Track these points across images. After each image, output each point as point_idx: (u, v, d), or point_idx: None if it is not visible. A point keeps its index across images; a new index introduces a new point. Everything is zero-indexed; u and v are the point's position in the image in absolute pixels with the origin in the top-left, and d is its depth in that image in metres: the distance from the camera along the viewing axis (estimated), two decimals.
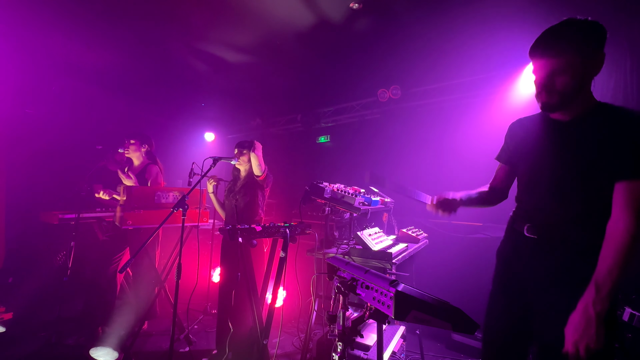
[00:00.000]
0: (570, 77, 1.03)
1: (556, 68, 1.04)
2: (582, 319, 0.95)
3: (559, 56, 1.03)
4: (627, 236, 0.95)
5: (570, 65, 1.02)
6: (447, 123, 3.54)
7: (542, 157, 1.18)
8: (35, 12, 2.69)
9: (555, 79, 1.05)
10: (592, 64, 1.04)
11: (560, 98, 1.07)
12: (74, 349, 2.49)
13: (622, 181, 1.00)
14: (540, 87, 1.11)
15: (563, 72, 1.04)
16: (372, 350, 1.84)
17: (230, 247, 2.37)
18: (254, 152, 2.28)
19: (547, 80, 1.07)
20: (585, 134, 1.08)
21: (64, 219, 3.08)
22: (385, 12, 2.60)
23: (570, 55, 1.02)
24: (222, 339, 2.28)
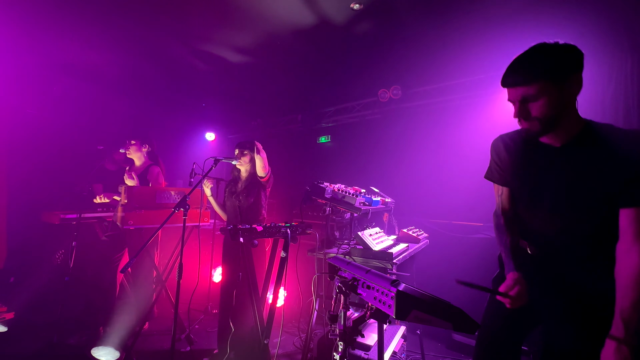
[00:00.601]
0: (545, 103, 1.00)
1: (528, 95, 1.02)
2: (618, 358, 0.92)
3: (529, 83, 1.01)
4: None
5: (543, 91, 0.99)
6: (448, 123, 3.55)
7: (539, 182, 1.15)
8: (36, 12, 2.69)
9: (530, 106, 1.03)
10: (568, 87, 1.00)
11: (541, 124, 1.04)
12: (75, 348, 2.50)
13: (630, 208, 0.97)
14: (516, 115, 1.08)
15: (536, 99, 1.01)
16: (372, 350, 1.84)
17: (232, 247, 2.38)
18: (259, 154, 2.28)
19: (521, 108, 1.05)
20: (580, 160, 1.05)
21: (65, 218, 3.09)
22: (386, 13, 2.60)
23: (541, 81, 0.99)
24: (223, 338, 2.29)
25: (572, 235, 1.10)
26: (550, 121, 1.03)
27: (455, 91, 3.54)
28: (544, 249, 1.16)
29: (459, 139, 3.34)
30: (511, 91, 1.07)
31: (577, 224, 1.09)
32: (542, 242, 1.17)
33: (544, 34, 2.60)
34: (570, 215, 1.09)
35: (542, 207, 1.14)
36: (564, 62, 0.99)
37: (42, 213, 3.31)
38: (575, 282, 1.09)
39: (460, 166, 3.24)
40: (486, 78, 3.29)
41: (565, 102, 1.02)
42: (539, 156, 1.14)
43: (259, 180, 2.41)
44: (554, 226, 1.13)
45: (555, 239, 1.14)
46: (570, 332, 1.03)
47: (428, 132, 3.69)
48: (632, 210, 0.97)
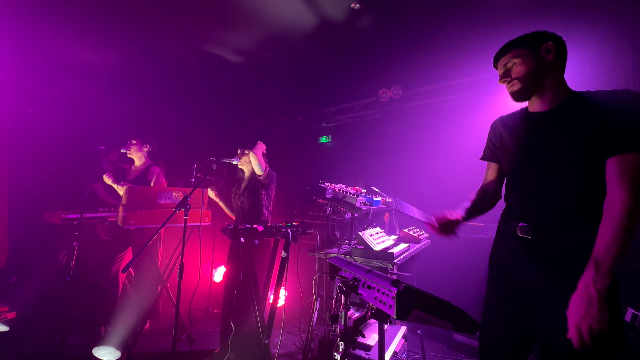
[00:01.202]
0: (521, 64, 1.18)
1: (507, 62, 1.23)
2: (583, 299, 0.92)
3: (507, 52, 1.23)
4: (622, 210, 0.93)
5: (518, 55, 1.19)
6: (448, 123, 3.54)
7: (528, 149, 1.20)
8: (36, 12, 2.70)
9: (511, 70, 1.21)
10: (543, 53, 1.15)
11: (522, 83, 1.18)
12: (76, 348, 2.50)
13: (613, 157, 0.99)
14: (502, 80, 1.26)
15: (514, 64, 1.20)
16: (373, 350, 1.84)
17: (237, 247, 2.38)
18: (253, 152, 2.28)
19: (505, 73, 1.24)
20: (566, 120, 1.11)
21: (66, 218, 3.10)
22: (386, 12, 2.60)
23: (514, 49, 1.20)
24: (225, 338, 2.29)
25: (563, 207, 1.09)
26: (528, 79, 1.17)
27: (456, 91, 3.53)
28: (534, 230, 1.13)
29: (460, 139, 3.33)
30: (499, 66, 1.29)
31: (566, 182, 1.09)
32: (531, 220, 1.15)
33: None
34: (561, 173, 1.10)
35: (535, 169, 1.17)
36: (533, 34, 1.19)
37: (44, 213, 3.32)
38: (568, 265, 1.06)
39: (461, 166, 3.23)
40: (487, 78, 3.28)
41: (542, 65, 1.15)
42: (530, 123, 1.24)
43: (259, 179, 2.41)
44: (543, 196, 1.14)
45: (545, 212, 1.13)
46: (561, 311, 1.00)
47: (429, 132, 3.69)
48: (614, 158, 0.99)
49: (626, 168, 0.96)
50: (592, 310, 0.90)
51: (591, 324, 0.90)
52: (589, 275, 0.93)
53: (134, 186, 2.57)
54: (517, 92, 1.21)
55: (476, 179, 1.62)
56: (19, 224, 3.61)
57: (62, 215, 2.98)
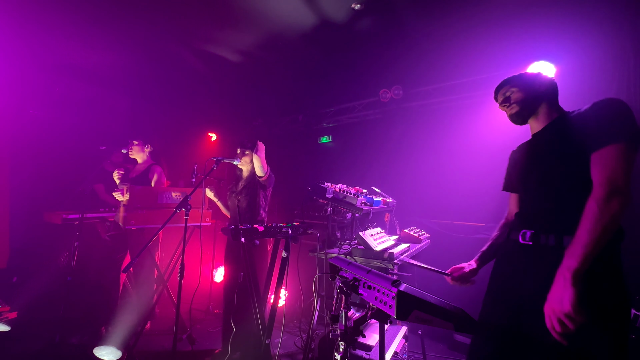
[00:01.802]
0: (519, 92, 1.32)
1: (506, 90, 1.36)
2: (559, 287, 0.95)
3: (505, 86, 1.37)
4: (595, 205, 0.98)
5: (514, 85, 1.34)
6: (449, 123, 3.54)
7: (527, 165, 1.30)
8: (38, 12, 2.71)
9: (509, 96, 1.35)
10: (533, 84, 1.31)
11: (518, 106, 1.32)
12: (77, 348, 2.51)
13: (591, 154, 1.06)
14: (502, 105, 1.39)
15: (512, 90, 1.34)
16: (374, 350, 1.84)
17: (234, 247, 2.38)
18: (256, 154, 2.28)
19: (505, 100, 1.37)
20: (556, 133, 1.22)
21: (67, 219, 3.10)
22: (386, 12, 2.60)
23: (513, 82, 1.35)
24: (226, 338, 2.29)
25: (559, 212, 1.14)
26: (525, 103, 1.31)
27: (456, 91, 3.53)
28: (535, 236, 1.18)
29: (461, 139, 3.33)
30: (499, 97, 1.41)
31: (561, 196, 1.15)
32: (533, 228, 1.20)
33: (545, 34, 2.60)
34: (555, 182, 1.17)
35: (530, 188, 1.27)
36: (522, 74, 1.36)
37: (45, 213, 3.33)
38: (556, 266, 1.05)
39: (462, 166, 3.23)
40: (487, 78, 3.28)
41: (536, 93, 1.30)
42: (527, 145, 1.37)
43: (258, 180, 2.41)
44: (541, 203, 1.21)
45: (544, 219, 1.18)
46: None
47: (429, 132, 3.68)
48: (593, 155, 1.05)
49: (602, 163, 1.02)
50: (570, 296, 0.91)
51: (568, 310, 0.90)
52: (564, 265, 0.97)
53: (135, 186, 2.57)
54: (516, 114, 1.33)
55: (477, 178, 1.63)
56: (20, 224, 3.62)
57: (63, 216, 2.98)
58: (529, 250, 1.18)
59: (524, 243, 1.19)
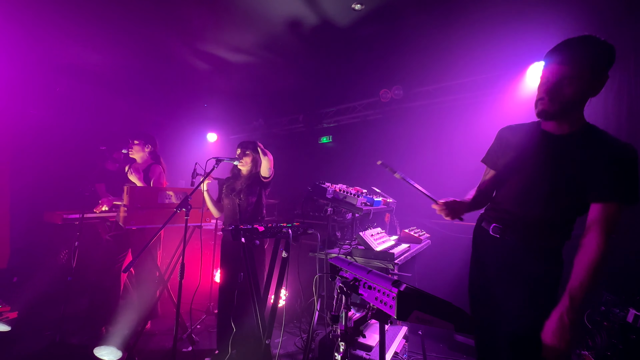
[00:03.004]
0: (576, 88, 1.08)
1: (567, 75, 1.07)
2: (558, 327, 1.07)
3: (574, 64, 1.06)
4: (598, 255, 1.06)
5: (580, 76, 1.06)
6: (449, 123, 3.54)
7: (532, 166, 1.25)
8: (38, 13, 2.71)
9: (563, 86, 1.09)
10: (597, 81, 1.08)
11: (560, 107, 1.12)
12: (78, 348, 2.51)
13: (600, 203, 1.10)
14: (545, 92, 1.13)
15: (571, 81, 1.07)
16: (374, 350, 1.84)
17: (231, 247, 2.38)
18: (266, 156, 2.27)
19: (555, 86, 1.10)
20: (574, 151, 1.15)
21: (67, 218, 3.10)
22: (387, 13, 2.60)
23: (583, 66, 1.05)
24: (223, 338, 2.29)
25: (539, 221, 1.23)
26: (569, 107, 1.12)
27: (456, 91, 3.53)
28: (506, 231, 1.29)
29: (461, 139, 3.33)
30: (553, 68, 1.10)
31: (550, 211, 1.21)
32: (507, 224, 1.30)
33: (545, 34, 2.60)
34: (556, 195, 1.18)
35: (525, 191, 1.26)
36: (606, 56, 1.06)
37: (45, 213, 3.33)
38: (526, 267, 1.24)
39: (462, 166, 3.22)
40: (488, 78, 3.28)
41: (587, 96, 1.11)
42: (538, 141, 1.25)
43: (262, 179, 2.40)
44: (528, 209, 1.25)
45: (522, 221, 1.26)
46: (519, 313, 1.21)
47: (430, 132, 3.68)
48: (600, 204, 1.10)
49: (608, 217, 1.08)
50: (566, 337, 1.06)
51: (563, 347, 1.06)
52: (564, 307, 1.08)
53: (135, 186, 2.57)
54: (549, 114, 1.15)
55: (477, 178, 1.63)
56: (20, 224, 3.63)
57: (64, 216, 2.98)
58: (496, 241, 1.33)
59: (493, 235, 1.33)
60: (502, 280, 1.29)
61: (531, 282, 1.22)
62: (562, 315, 1.07)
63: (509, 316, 1.24)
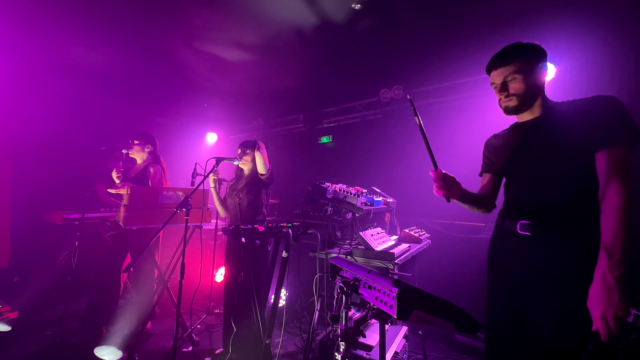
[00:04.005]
0: (521, 81, 1.22)
1: (508, 73, 1.24)
2: (603, 289, 0.95)
3: (510, 63, 1.23)
4: (619, 198, 1.00)
5: (519, 71, 1.21)
6: (449, 123, 3.54)
7: (523, 152, 1.28)
8: (38, 13, 2.71)
9: (509, 83, 1.25)
10: (538, 71, 1.22)
11: (518, 99, 1.24)
12: (78, 347, 2.51)
13: (602, 151, 1.08)
14: (499, 93, 1.29)
15: (514, 77, 1.23)
16: (374, 350, 1.84)
17: (234, 247, 2.38)
18: (258, 151, 2.28)
19: (503, 86, 1.26)
20: (554, 123, 1.20)
21: (68, 219, 3.11)
22: (387, 12, 2.60)
23: (517, 61, 1.22)
24: (227, 338, 2.29)
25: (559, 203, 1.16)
26: (525, 97, 1.23)
27: (456, 91, 3.53)
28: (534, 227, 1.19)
29: (461, 139, 3.33)
30: (495, 73, 1.29)
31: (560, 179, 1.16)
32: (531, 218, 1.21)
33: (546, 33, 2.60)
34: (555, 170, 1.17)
35: (531, 169, 1.24)
36: (533, 50, 1.24)
37: (45, 213, 3.33)
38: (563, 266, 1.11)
39: (462, 166, 3.21)
40: (487, 78, 3.27)
41: (536, 84, 1.22)
42: (519, 131, 1.33)
43: (260, 178, 2.41)
44: (541, 193, 1.20)
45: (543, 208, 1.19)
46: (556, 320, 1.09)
47: (430, 132, 3.64)
48: (602, 152, 1.08)
49: (615, 160, 1.05)
50: (614, 299, 0.93)
51: (616, 312, 0.92)
52: (604, 265, 0.97)
53: (135, 186, 2.57)
54: (513, 108, 1.27)
55: (477, 179, 1.63)
56: (21, 224, 3.63)
57: (64, 216, 2.98)
58: (527, 240, 1.21)
59: (522, 234, 1.21)
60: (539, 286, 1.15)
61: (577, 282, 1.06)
62: (604, 275, 0.95)
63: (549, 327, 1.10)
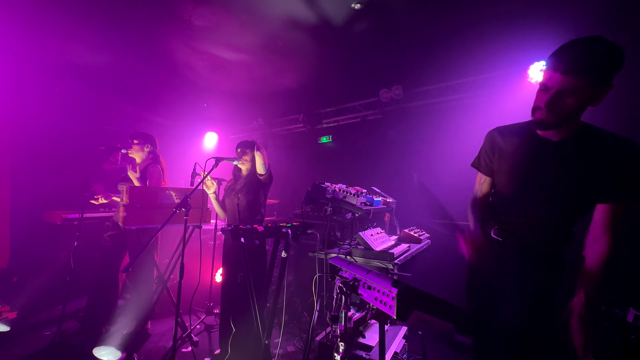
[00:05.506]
0: (578, 100, 1.00)
1: (570, 87, 0.98)
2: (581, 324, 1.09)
3: (579, 74, 0.96)
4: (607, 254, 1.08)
5: (585, 89, 0.97)
6: (448, 123, 3.53)
7: (532, 174, 1.21)
8: (38, 13, 2.71)
9: (564, 97, 1.00)
10: (601, 91, 0.99)
11: (558, 118, 1.05)
12: (77, 348, 2.50)
13: (605, 204, 1.10)
14: (544, 102, 1.04)
15: (574, 93, 0.98)
16: (374, 350, 1.83)
17: (232, 247, 2.38)
18: (258, 151, 2.27)
19: (555, 97, 1.02)
20: (574, 156, 1.12)
21: (67, 219, 3.10)
22: (386, 12, 2.59)
23: (590, 79, 0.96)
24: (225, 338, 2.28)
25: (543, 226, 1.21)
26: (567, 118, 1.05)
27: (456, 91, 3.53)
28: (508, 235, 1.26)
29: (461, 139, 3.32)
30: (556, 77, 1.00)
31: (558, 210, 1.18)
32: (510, 228, 1.27)
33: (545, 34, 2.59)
34: (558, 202, 1.17)
35: (530, 194, 1.21)
36: (615, 63, 0.97)
37: (45, 213, 3.32)
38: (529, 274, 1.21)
39: (462, 166, 3.21)
40: (488, 78, 3.28)
41: (589, 104, 1.02)
42: (536, 148, 1.19)
43: (259, 178, 2.40)
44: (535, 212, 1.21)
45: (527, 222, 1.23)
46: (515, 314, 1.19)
47: (430, 132, 3.68)
48: (606, 205, 1.10)
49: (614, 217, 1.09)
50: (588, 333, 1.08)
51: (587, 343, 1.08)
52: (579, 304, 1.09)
53: (134, 186, 2.56)
54: (546, 125, 1.09)
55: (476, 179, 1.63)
56: (20, 224, 3.62)
57: (63, 216, 2.97)
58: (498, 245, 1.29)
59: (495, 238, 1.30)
60: (502, 284, 1.28)
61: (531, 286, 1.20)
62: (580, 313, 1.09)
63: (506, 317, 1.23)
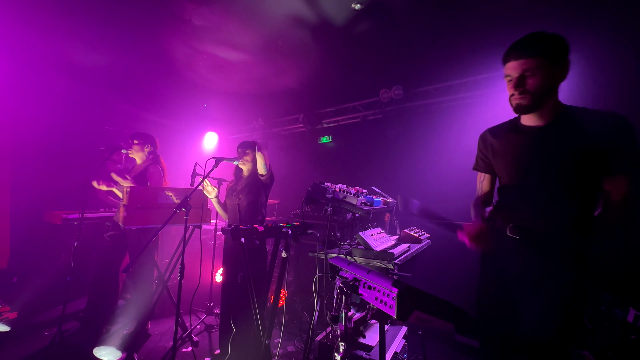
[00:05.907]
0: (540, 78, 1.13)
1: (528, 68, 1.13)
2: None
3: (531, 57, 1.12)
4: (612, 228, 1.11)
5: (540, 66, 1.12)
6: (449, 123, 3.53)
7: (526, 158, 1.24)
8: (38, 13, 2.71)
9: (527, 79, 1.15)
10: (559, 70, 1.14)
11: (532, 98, 1.16)
12: (77, 348, 2.50)
13: (608, 177, 1.11)
14: (513, 87, 1.19)
15: (534, 73, 1.13)
16: (374, 350, 1.83)
17: (232, 247, 2.38)
18: (260, 152, 2.27)
19: (519, 81, 1.16)
20: (563, 137, 1.16)
21: (67, 219, 3.10)
22: (386, 12, 2.59)
23: (540, 57, 1.11)
24: (225, 338, 2.28)
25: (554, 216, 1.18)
26: (539, 96, 1.15)
27: (456, 91, 3.53)
28: (524, 231, 1.22)
29: (461, 139, 3.32)
30: (513, 65, 1.17)
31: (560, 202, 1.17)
32: (522, 223, 1.23)
33: None
34: (554, 186, 1.17)
35: (528, 188, 1.23)
36: (559, 46, 1.13)
37: (45, 213, 3.32)
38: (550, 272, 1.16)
39: (462, 166, 3.21)
40: (488, 78, 3.28)
41: (554, 83, 1.15)
42: (523, 137, 1.25)
43: (260, 178, 2.40)
44: (537, 199, 1.21)
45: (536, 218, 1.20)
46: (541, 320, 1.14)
47: (429, 132, 3.68)
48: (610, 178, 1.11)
49: (619, 188, 1.10)
50: None
51: None
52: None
53: (135, 186, 2.56)
54: (525, 107, 1.19)
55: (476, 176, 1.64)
56: (20, 225, 3.62)
57: (63, 216, 2.97)
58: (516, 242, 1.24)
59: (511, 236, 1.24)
60: (524, 286, 1.21)
61: (556, 288, 1.14)
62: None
63: (530, 323, 1.16)
